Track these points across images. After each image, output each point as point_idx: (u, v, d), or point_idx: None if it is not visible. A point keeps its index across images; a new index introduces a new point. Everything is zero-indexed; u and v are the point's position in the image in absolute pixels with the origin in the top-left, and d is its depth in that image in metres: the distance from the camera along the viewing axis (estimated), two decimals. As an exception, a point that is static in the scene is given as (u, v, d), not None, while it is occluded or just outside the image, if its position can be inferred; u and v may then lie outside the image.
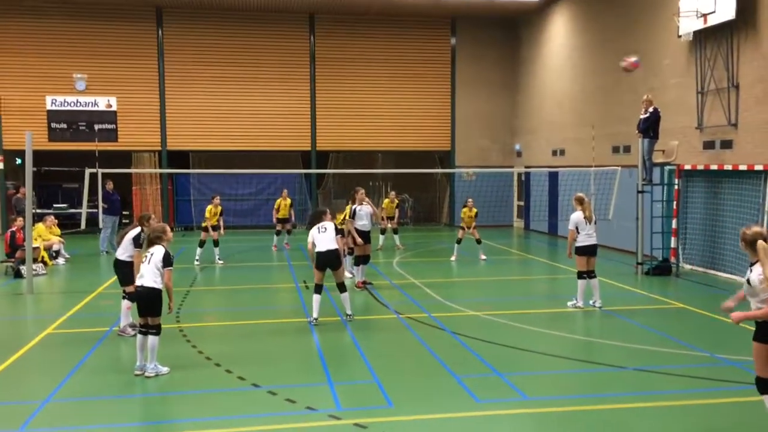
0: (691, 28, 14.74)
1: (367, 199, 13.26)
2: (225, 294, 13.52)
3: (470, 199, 17.95)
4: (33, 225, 16.17)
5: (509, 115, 26.14)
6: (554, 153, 22.56)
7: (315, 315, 10.15)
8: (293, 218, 19.76)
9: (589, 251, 11.22)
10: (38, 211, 18.14)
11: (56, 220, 17.98)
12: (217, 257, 16.55)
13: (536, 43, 24.04)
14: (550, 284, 14.67)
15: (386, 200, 19.44)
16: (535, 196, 23.73)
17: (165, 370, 7.86)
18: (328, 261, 10.12)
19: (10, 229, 15.22)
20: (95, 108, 23.50)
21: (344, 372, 8.03)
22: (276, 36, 24.53)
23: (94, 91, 23.47)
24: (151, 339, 7.76)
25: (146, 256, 7.90)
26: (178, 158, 24.34)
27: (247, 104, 24.42)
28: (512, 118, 26.10)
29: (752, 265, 5.74)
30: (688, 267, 15.20)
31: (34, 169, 13.57)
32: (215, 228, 16.26)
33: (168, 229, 8.19)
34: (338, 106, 25.02)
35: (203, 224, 16.53)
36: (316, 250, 10.14)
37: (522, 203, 25.44)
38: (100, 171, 15.38)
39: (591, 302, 11.34)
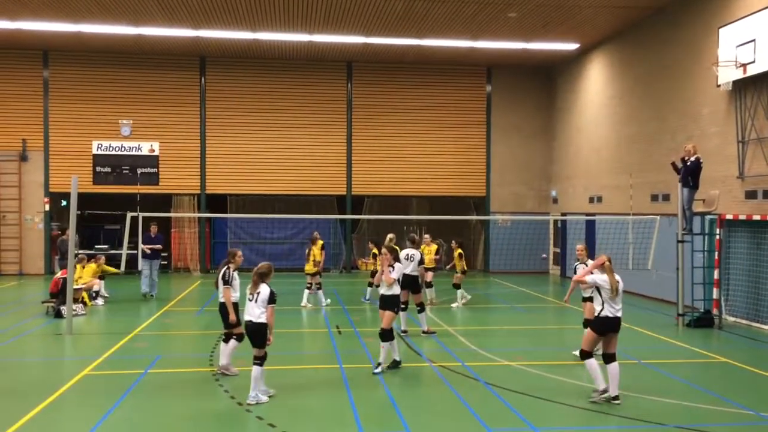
0: (730, 78, 14.62)
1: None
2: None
3: (427, 235, 17.51)
4: (84, 265, 16.69)
5: (545, 161, 26.09)
6: (591, 200, 22.35)
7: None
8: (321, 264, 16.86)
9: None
10: (80, 252, 18.53)
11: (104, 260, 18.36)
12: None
13: (572, 91, 24.10)
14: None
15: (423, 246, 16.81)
16: (572, 243, 23.42)
17: (265, 399, 8.47)
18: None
19: (62, 276, 15.39)
20: (138, 153, 24.22)
21: (376, 422, 7.93)
22: (314, 83, 25.10)
23: (138, 136, 24.24)
24: (256, 369, 8.45)
25: (254, 295, 8.55)
26: (216, 201, 24.83)
27: (285, 149, 24.89)
28: (548, 165, 26.02)
29: None
30: (731, 319, 14.74)
31: (78, 212, 13.98)
32: None
33: (272, 268, 8.91)
34: (374, 152, 25.32)
35: None
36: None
37: (558, 250, 25.14)
38: (141, 215, 15.76)
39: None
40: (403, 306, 13.06)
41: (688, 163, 14.04)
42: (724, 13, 15.34)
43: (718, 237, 14.99)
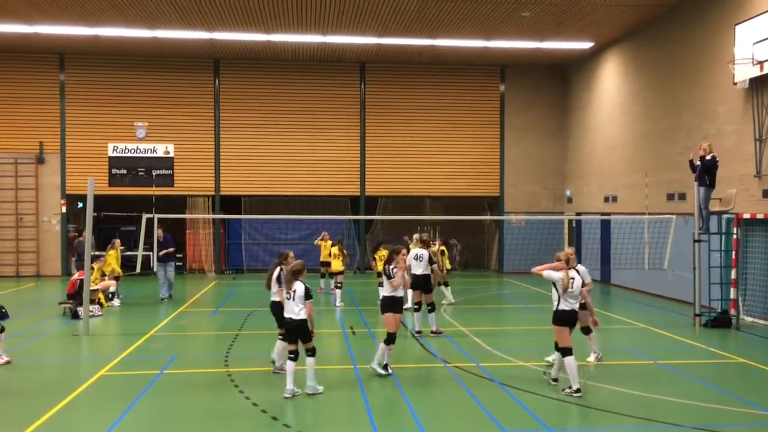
0: (747, 76, 14.47)
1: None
2: (273, 338, 13.55)
3: (424, 234, 17.87)
4: (103, 255, 16.91)
5: (559, 160, 25.97)
6: (606, 199, 22.21)
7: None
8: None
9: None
10: (97, 253, 18.69)
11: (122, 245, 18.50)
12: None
13: (587, 89, 23.97)
14: (603, 334, 14.25)
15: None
16: (587, 243, 23.31)
17: (321, 388, 8.88)
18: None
19: (79, 277, 15.57)
20: (154, 155, 24.41)
21: (390, 422, 7.93)
22: (327, 84, 25.15)
23: (153, 138, 24.43)
24: (309, 360, 8.87)
25: (290, 293, 8.83)
26: (231, 203, 24.96)
27: (298, 150, 24.96)
28: (562, 164, 25.90)
29: None
30: (748, 319, 14.59)
31: (95, 213, 14.10)
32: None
33: (305, 266, 9.28)
34: (387, 152, 25.33)
35: None
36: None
37: (573, 250, 24.96)
38: (156, 216, 15.89)
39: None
40: (416, 306, 13.08)
41: (705, 161, 13.91)
42: (741, 10, 15.18)
43: (735, 236, 14.84)
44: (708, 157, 13.89)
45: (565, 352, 8.95)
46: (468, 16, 19.13)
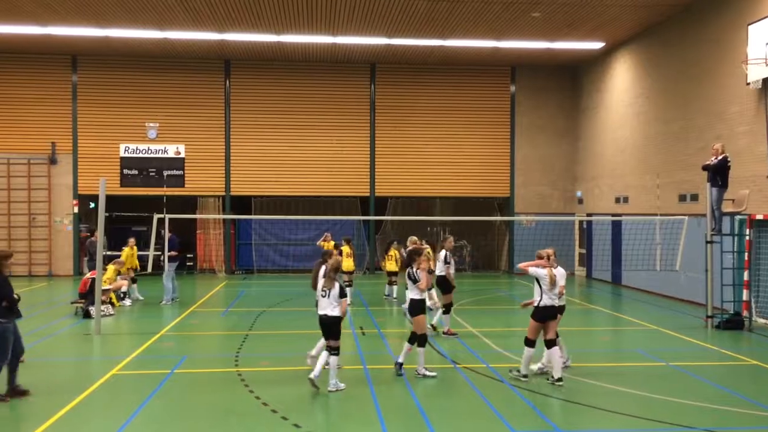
0: (760, 76, 14.37)
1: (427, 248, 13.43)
2: (283, 338, 13.60)
3: (413, 237, 17.74)
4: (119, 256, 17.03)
5: (570, 161, 25.87)
6: (617, 200, 22.11)
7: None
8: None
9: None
10: (108, 253, 18.78)
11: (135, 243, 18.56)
12: None
13: (597, 90, 23.87)
14: (614, 336, 14.20)
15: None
16: (598, 244, 23.21)
17: (343, 386, 9.14)
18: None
19: (91, 276, 15.69)
20: (165, 155, 24.53)
21: (400, 423, 7.92)
22: (337, 85, 25.19)
23: (164, 139, 24.55)
24: (332, 359, 9.11)
25: (326, 291, 9.16)
26: (241, 203, 25.05)
27: (308, 151, 25.00)
28: (573, 165, 25.81)
29: None
30: (761, 321, 14.48)
31: (107, 213, 14.18)
32: None
33: (341, 265, 9.85)
34: (397, 153, 25.33)
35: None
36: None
37: (584, 251, 24.91)
38: (167, 216, 15.96)
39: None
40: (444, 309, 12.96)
41: (714, 162, 13.78)
42: (754, 10, 15.06)
43: (747, 237, 14.73)
44: (719, 157, 13.80)
45: (531, 343, 9.51)
46: (478, 16, 19.10)
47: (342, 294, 9.13)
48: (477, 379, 9.86)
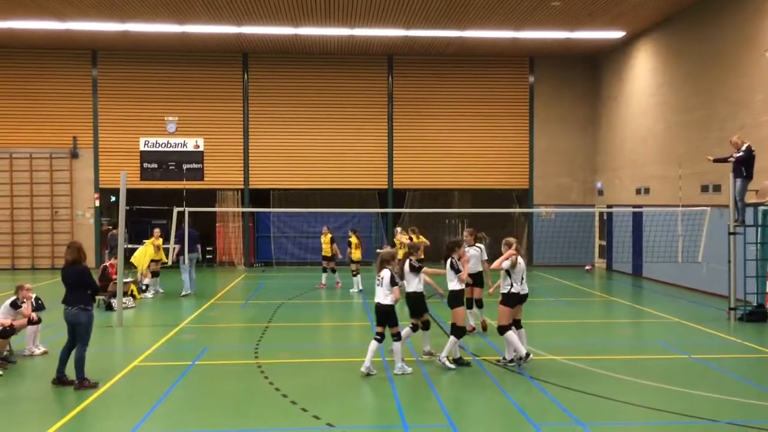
0: (784, 63, 14.10)
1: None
2: (303, 330, 13.68)
3: (398, 228, 18.91)
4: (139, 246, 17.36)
5: (590, 152, 25.64)
6: (638, 191, 21.88)
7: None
8: (338, 255, 19.05)
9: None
10: (130, 246, 18.90)
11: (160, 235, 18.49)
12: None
13: (618, 79, 23.59)
14: (635, 328, 14.08)
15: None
16: (618, 235, 23.00)
17: (410, 369, 9.47)
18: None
19: (104, 264, 16.11)
20: (184, 149, 24.70)
21: (419, 415, 7.93)
22: (355, 77, 25.16)
23: (184, 132, 24.72)
24: (395, 345, 9.51)
25: (379, 279, 9.48)
26: (260, 196, 25.16)
27: (326, 143, 25.03)
28: (593, 156, 25.57)
29: None
30: (786, 313, 14.25)
31: (127, 207, 14.33)
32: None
33: (394, 255, 9.92)
34: (415, 145, 25.27)
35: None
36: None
37: (604, 243, 24.71)
38: (187, 209, 16.08)
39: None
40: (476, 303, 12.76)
41: (741, 153, 13.57)
42: (778, -3, 14.78)
43: (772, 228, 14.50)
44: (743, 149, 13.57)
45: (505, 329, 9.81)
46: (497, 6, 18.94)
47: (393, 282, 9.42)
48: (497, 371, 9.83)
